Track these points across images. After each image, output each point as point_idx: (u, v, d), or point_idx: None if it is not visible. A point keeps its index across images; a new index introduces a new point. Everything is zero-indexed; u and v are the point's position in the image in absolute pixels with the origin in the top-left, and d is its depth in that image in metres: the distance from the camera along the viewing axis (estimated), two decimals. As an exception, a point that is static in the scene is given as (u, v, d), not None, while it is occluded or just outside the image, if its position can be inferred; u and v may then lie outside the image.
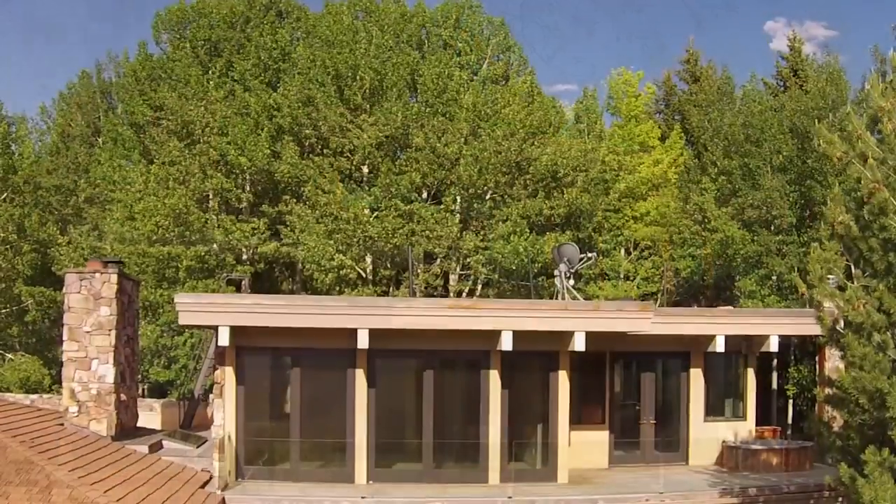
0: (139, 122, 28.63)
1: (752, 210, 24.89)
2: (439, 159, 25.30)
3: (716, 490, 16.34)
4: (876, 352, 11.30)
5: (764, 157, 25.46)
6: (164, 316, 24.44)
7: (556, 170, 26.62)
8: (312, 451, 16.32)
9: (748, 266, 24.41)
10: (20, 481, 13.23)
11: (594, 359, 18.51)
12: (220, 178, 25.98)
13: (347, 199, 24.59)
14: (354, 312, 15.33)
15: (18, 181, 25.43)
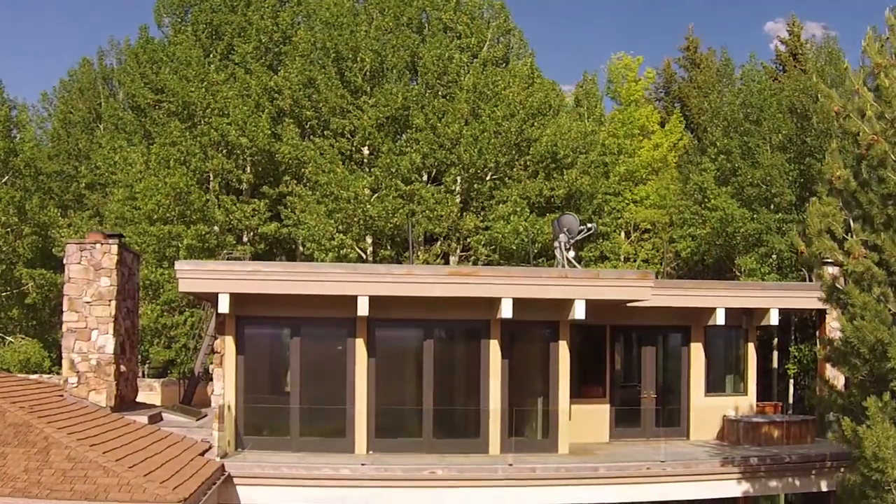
0: (140, 105, 28.69)
1: (752, 188, 24.90)
2: (440, 139, 25.32)
3: (717, 460, 16.31)
4: (877, 302, 11.31)
5: (763, 136, 25.51)
6: (165, 295, 24.42)
7: (556, 151, 26.65)
8: (312, 421, 16.29)
9: (748, 244, 24.41)
10: (18, 443, 13.21)
11: (594, 333, 18.52)
12: (220, 159, 26.00)
13: (347, 179, 24.60)
14: (354, 279, 15.31)
15: (19, 164, 25.45)
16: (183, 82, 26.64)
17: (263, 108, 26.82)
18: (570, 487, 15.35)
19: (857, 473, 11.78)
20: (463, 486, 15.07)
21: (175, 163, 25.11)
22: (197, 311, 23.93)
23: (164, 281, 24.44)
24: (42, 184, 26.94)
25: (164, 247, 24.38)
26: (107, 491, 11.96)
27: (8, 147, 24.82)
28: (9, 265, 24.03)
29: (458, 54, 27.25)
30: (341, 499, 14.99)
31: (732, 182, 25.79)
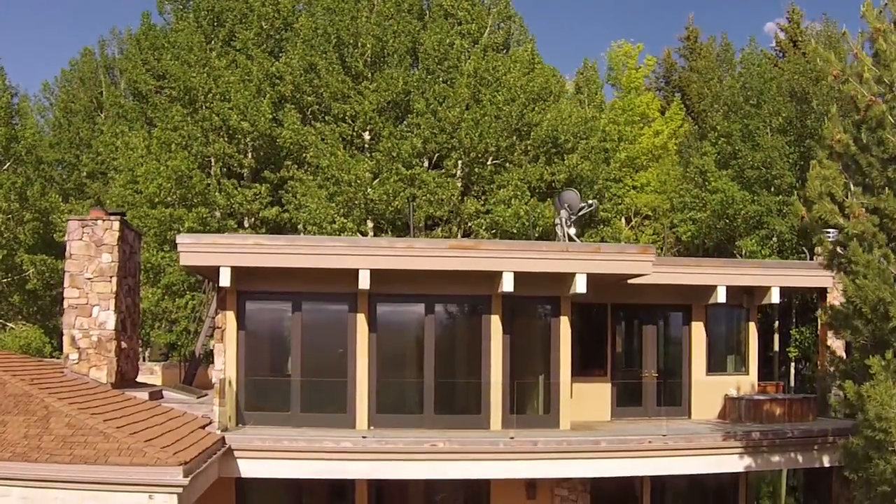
0: (142, 91, 28.75)
1: (752, 171, 24.93)
2: (440, 123, 25.37)
3: (719, 434, 16.27)
4: (878, 261, 11.30)
5: (763, 119, 25.56)
6: (166, 278, 24.41)
7: (557, 136, 26.69)
8: (313, 397, 16.24)
9: (749, 227, 24.43)
10: (18, 411, 13.20)
11: (596, 311, 18.51)
12: (222, 144, 26.03)
13: (348, 163, 24.63)
14: (355, 252, 15.28)
15: (21, 151, 25.48)
16: (184, 67, 26.71)
17: (265, 93, 26.89)
18: (572, 461, 15.29)
19: (860, 437, 11.75)
20: (464, 459, 15.02)
21: (176, 147, 25.16)
22: (198, 295, 23.92)
23: (165, 264, 24.44)
24: (43, 172, 26.94)
25: (165, 230, 24.39)
26: (106, 455, 11.94)
27: (9, 134, 24.85)
28: (10, 251, 24.02)
29: (459, 40, 27.32)
30: (343, 472, 14.97)
31: (732, 165, 25.83)
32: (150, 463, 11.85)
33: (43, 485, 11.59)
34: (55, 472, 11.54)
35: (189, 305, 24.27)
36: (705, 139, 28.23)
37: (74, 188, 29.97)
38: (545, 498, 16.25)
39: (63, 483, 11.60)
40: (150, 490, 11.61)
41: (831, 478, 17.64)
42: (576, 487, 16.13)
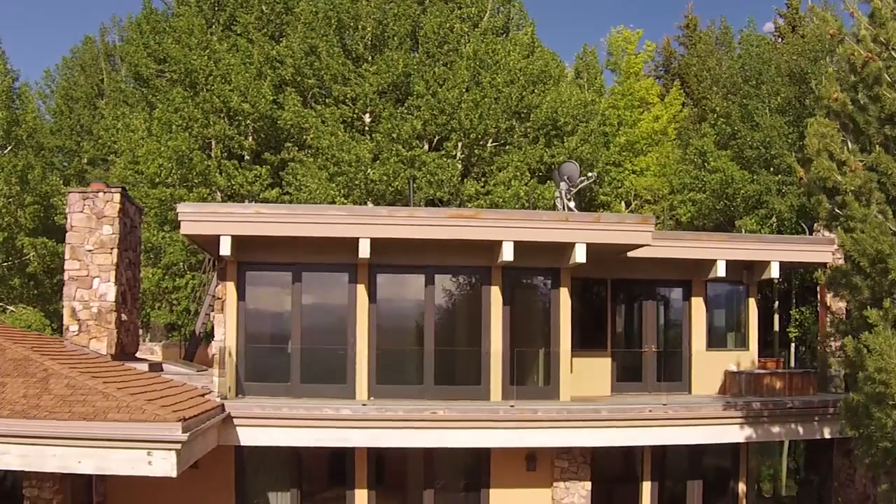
0: (143, 75, 28.85)
1: (752, 150, 24.96)
2: (440, 105, 25.44)
3: (719, 404, 16.26)
4: (875, 215, 11.32)
5: (762, 99, 25.64)
6: (167, 258, 24.43)
7: (556, 118, 26.76)
8: (313, 368, 16.23)
9: (748, 206, 24.45)
10: (18, 374, 13.24)
11: (595, 287, 18.51)
12: (222, 125, 26.08)
13: (348, 143, 24.68)
14: (356, 221, 15.28)
15: (22, 134, 25.55)
16: (185, 50, 26.82)
17: (265, 76, 26.99)
18: (572, 430, 15.30)
19: (860, 393, 11.74)
20: (464, 427, 15.03)
21: (177, 128, 25.23)
22: (198, 275, 23.94)
23: (165, 244, 24.47)
24: (44, 158, 27.00)
25: (166, 210, 24.43)
26: (105, 412, 11.96)
27: (11, 117, 24.95)
28: (10, 234, 24.05)
29: (459, 24, 27.43)
30: (343, 440, 14.95)
31: (732, 146, 25.88)
32: (149, 419, 11.87)
33: (41, 442, 11.61)
34: (54, 429, 11.56)
35: (189, 286, 24.27)
36: (704, 121, 28.32)
37: (75, 174, 30.00)
38: (545, 470, 16.19)
39: (61, 440, 11.61)
40: (149, 446, 11.63)
41: (832, 452, 17.62)
42: (576, 459, 16.07)
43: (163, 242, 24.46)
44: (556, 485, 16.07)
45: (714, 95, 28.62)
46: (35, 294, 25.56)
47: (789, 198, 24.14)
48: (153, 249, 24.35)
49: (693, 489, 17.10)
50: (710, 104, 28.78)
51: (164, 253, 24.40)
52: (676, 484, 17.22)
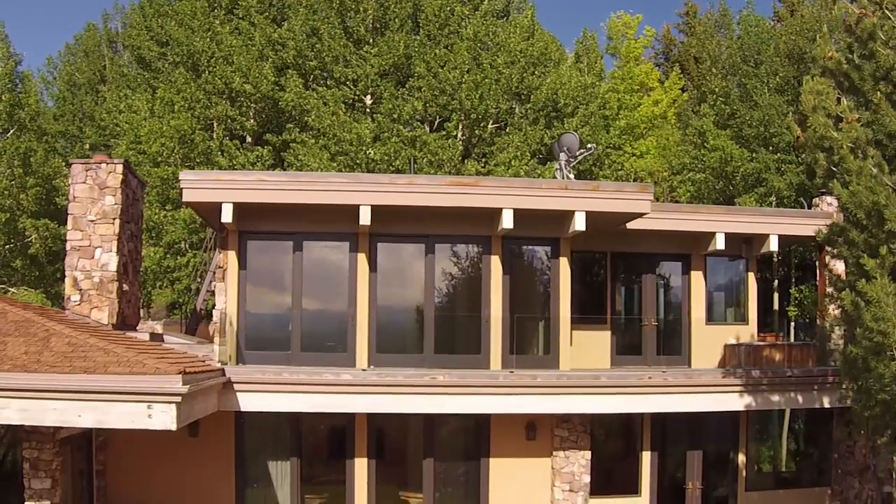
0: (145, 58, 29.02)
1: (750, 129, 25.07)
2: (441, 85, 25.58)
3: (719, 372, 16.30)
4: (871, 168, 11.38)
5: (761, 79, 25.77)
6: (168, 236, 24.52)
7: (557, 100, 26.89)
8: (314, 336, 16.30)
9: (747, 185, 24.52)
10: (19, 334, 13.26)
11: (595, 260, 18.57)
12: (224, 106, 26.22)
13: (349, 123, 24.80)
14: (357, 188, 15.36)
15: (25, 118, 25.70)
16: (188, 32, 26.97)
17: (267, 57, 27.14)
18: (572, 396, 15.35)
19: (858, 346, 11.77)
20: (464, 393, 15.08)
21: (179, 108, 25.39)
22: (199, 253, 24.02)
23: (167, 222, 24.55)
24: (47, 144, 27.13)
25: (168, 189, 24.54)
26: (106, 366, 12.00)
27: (13, 100, 25.11)
28: (12, 215, 24.13)
29: (459, 7, 27.60)
30: (343, 405, 15.00)
31: (731, 125, 25.99)
32: (150, 372, 11.90)
33: (41, 395, 11.61)
34: (54, 382, 11.57)
35: (191, 264, 24.34)
36: (704, 103, 28.47)
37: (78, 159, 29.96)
38: (545, 439, 16.23)
39: (61, 393, 11.61)
40: (149, 399, 11.64)
41: (832, 425, 17.62)
42: (576, 428, 16.10)
43: (164, 221, 24.57)
44: (556, 454, 16.10)
45: (713, 77, 28.78)
46: (36, 276, 25.65)
47: (788, 176, 24.22)
48: (155, 228, 24.46)
49: (693, 459, 17.12)
50: (709, 85, 28.92)
51: (166, 232, 24.52)
52: (676, 454, 17.25)
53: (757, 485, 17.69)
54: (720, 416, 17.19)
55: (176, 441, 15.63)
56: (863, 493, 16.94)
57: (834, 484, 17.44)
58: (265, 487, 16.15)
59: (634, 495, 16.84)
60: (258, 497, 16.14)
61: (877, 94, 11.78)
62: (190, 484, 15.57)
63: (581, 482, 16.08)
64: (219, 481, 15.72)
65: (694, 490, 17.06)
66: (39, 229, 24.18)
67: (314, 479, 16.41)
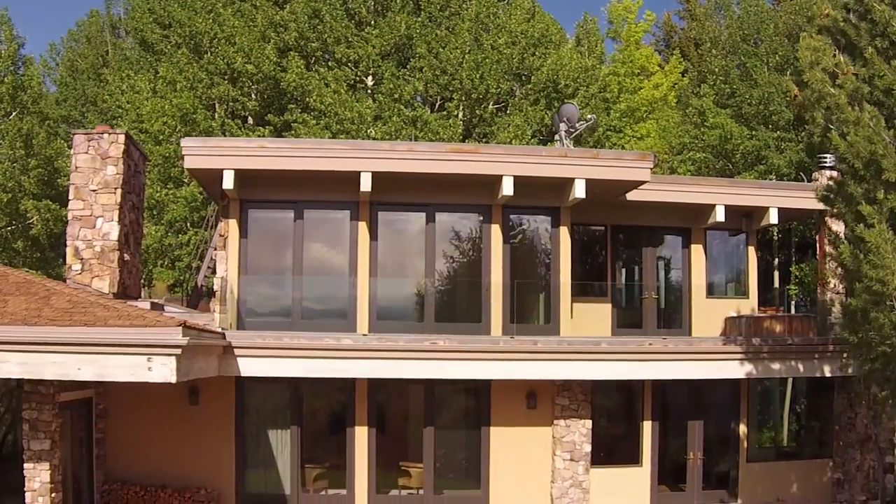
0: (148, 41, 29.17)
1: (750, 107, 25.15)
2: (442, 65, 25.71)
3: (720, 340, 16.29)
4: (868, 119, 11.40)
5: (760, 57, 25.88)
6: (169, 214, 24.59)
7: (557, 81, 26.98)
8: (314, 304, 16.32)
9: (747, 163, 24.57)
10: (20, 293, 13.29)
11: (595, 233, 18.58)
12: (226, 87, 26.36)
13: (351, 101, 24.93)
14: (357, 155, 15.40)
15: (27, 100, 25.82)
16: (190, 13, 27.14)
17: (269, 39, 27.29)
18: (573, 362, 15.33)
19: (858, 298, 11.77)
20: (464, 358, 15.07)
21: (181, 87, 25.53)
22: (200, 231, 24.08)
23: (168, 201, 24.64)
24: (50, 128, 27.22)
25: (170, 167, 24.63)
26: (106, 320, 12.03)
27: (16, 83, 25.24)
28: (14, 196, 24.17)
29: (459, -12, 27.94)
30: (344, 371, 14.99)
31: (731, 104, 26.09)
32: (150, 324, 11.94)
33: (41, 348, 11.62)
34: (54, 335, 11.58)
35: (192, 242, 24.38)
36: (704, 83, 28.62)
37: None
38: (546, 408, 16.20)
39: (61, 346, 11.62)
40: (149, 351, 11.65)
41: (832, 396, 17.58)
42: (576, 397, 16.08)
43: (166, 199, 24.66)
44: (557, 422, 16.08)
45: (713, 58, 28.93)
46: (38, 258, 25.71)
47: (788, 153, 24.28)
48: (157, 206, 24.56)
49: (694, 430, 17.07)
50: (709, 66, 29.09)
51: (168, 210, 24.61)
52: (677, 425, 17.21)
53: (758, 456, 17.65)
54: (721, 386, 17.17)
55: (176, 409, 15.71)
56: (864, 464, 16.89)
57: (835, 456, 17.39)
58: (265, 457, 16.14)
59: (635, 465, 16.80)
60: (258, 466, 16.13)
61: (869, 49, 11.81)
62: (190, 453, 15.55)
63: (582, 451, 16.06)
64: (219, 450, 15.70)
65: (695, 460, 17.01)
66: (41, 210, 24.24)
67: (314, 449, 16.40)
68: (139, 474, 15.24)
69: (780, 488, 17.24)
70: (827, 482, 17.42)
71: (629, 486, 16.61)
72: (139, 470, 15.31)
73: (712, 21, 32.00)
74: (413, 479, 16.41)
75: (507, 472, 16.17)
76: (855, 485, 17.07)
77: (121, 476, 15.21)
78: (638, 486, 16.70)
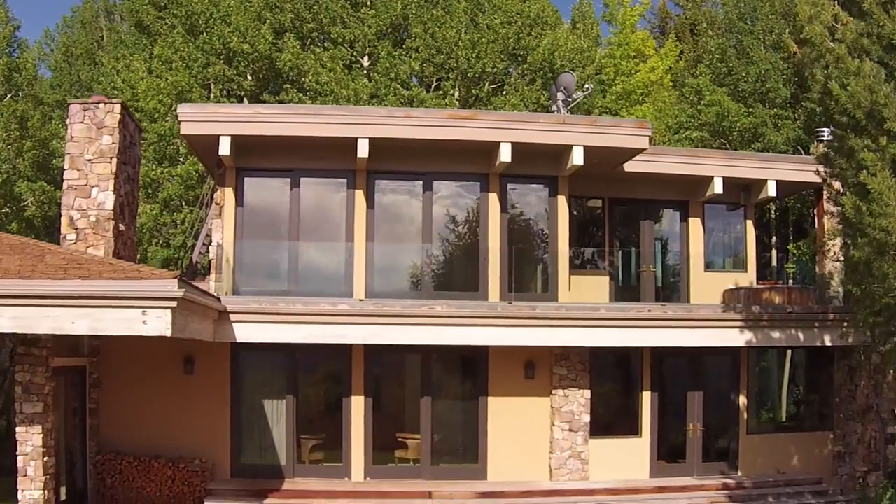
0: (144, 23, 29.10)
1: (747, 85, 25.16)
2: (438, 44, 25.72)
3: (719, 307, 16.20)
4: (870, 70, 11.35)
5: (757, 35, 25.94)
6: (164, 192, 24.46)
7: (553, 61, 27.00)
8: (310, 273, 16.19)
9: (744, 140, 24.55)
10: (14, 252, 13.15)
11: (593, 206, 18.47)
12: (222, 66, 26.30)
13: (347, 79, 24.88)
14: (354, 121, 15.33)
15: (22, 82, 25.72)
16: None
17: (265, 20, 27.26)
18: (571, 329, 15.23)
19: (861, 250, 11.67)
20: (462, 324, 14.95)
21: (177, 66, 25.45)
22: (195, 209, 23.94)
23: (163, 179, 24.52)
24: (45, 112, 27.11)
25: (165, 145, 24.52)
26: (100, 273, 11.89)
27: (11, 64, 25.13)
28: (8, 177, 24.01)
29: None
30: (340, 336, 14.85)
31: (728, 82, 26.11)
32: (146, 277, 11.80)
33: (35, 302, 11.47)
34: (48, 288, 11.43)
35: (187, 220, 24.23)
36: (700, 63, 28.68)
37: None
38: (544, 377, 16.09)
39: (56, 300, 11.46)
40: (144, 304, 11.48)
41: (832, 369, 17.47)
42: (575, 367, 15.98)
43: (162, 177, 24.54)
44: (555, 392, 15.97)
45: (709, 38, 29.02)
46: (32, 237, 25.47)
47: (785, 131, 24.28)
48: (152, 184, 24.43)
49: (693, 400, 16.94)
50: (705, 46, 29.15)
51: (163, 188, 24.49)
52: (677, 396, 17.07)
53: (758, 428, 17.53)
54: (721, 358, 17.09)
55: (171, 379, 15.58)
56: (865, 435, 16.77)
57: (836, 428, 17.28)
58: (260, 427, 15.98)
59: (635, 436, 16.66)
60: (253, 437, 15.97)
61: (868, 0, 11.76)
62: (184, 423, 15.40)
63: (581, 422, 15.94)
64: (213, 421, 15.56)
65: (695, 432, 16.89)
66: (35, 193, 24.08)
67: (310, 420, 16.26)
68: (133, 445, 15.07)
69: (780, 461, 17.11)
70: (828, 455, 17.30)
71: (628, 458, 16.47)
72: (133, 440, 15.14)
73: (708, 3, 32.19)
74: (410, 451, 16.25)
75: (505, 442, 16.04)
76: (856, 457, 16.95)
77: (114, 446, 15.04)
78: (637, 457, 16.57)
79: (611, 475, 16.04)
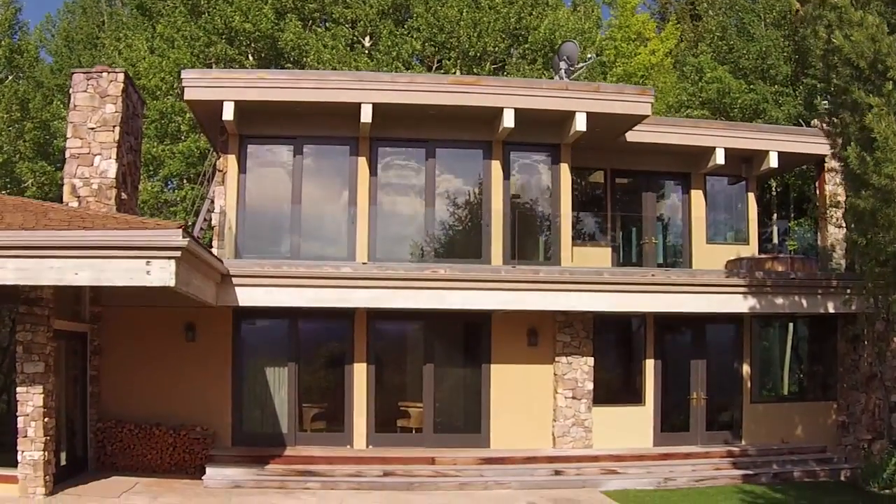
0: (145, 4, 29.12)
1: (748, 62, 25.19)
2: (440, 22, 25.76)
3: (723, 272, 16.16)
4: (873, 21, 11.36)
5: (757, 13, 26.03)
6: (165, 169, 24.43)
7: (554, 41, 27.07)
8: (312, 240, 16.17)
9: (745, 117, 24.56)
10: (17, 210, 13.13)
11: (594, 176, 18.44)
12: (224, 45, 26.31)
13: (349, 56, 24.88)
14: (358, 86, 15.33)
15: (24, 63, 25.73)
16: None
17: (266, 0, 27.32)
18: (574, 293, 15.19)
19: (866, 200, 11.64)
20: (465, 287, 14.92)
21: (179, 45, 25.44)
22: (197, 187, 23.91)
23: (165, 156, 24.45)
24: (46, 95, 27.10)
25: (167, 123, 24.49)
26: (104, 224, 11.86)
27: (12, 47, 25.15)
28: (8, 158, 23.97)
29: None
30: (343, 300, 14.80)
31: (728, 60, 26.14)
32: (150, 227, 11.78)
33: (39, 252, 11.42)
34: (51, 239, 11.37)
35: (188, 197, 24.21)
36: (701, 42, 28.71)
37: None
38: (547, 345, 16.06)
39: (59, 250, 11.40)
40: (148, 254, 11.44)
41: (836, 339, 17.43)
42: (578, 334, 15.95)
43: (163, 155, 24.51)
44: (558, 360, 15.93)
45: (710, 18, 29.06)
46: (32, 219, 25.44)
47: (786, 107, 24.32)
48: (153, 161, 24.40)
49: (697, 369, 16.89)
50: (706, 26, 29.19)
51: (164, 166, 24.46)
52: (680, 364, 17.01)
53: (762, 398, 17.47)
54: (724, 327, 17.06)
55: (172, 346, 15.52)
56: (869, 404, 16.74)
57: (840, 397, 17.23)
58: (262, 395, 15.93)
59: (638, 404, 16.61)
60: (254, 404, 15.91)
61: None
62: (185, 390, 15.33)
63: (584, 389, 15.89)
64: (215, 388, 15.51)
65: (699, 401, 16.83)
66: (36, 173, 24.05)
67: (312, 388, 16.21)
68: (134, 412, 15.00)
69: (784, 430, 17.06)
70: (832, 424, 17.25)
71: (632, 426, 16.41)
72: (134, 408, 15.07)
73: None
74: (412, 420, 16.18)
75: (508, 410, 15.99)
76: (860, 426, 16.91)
77: (115, 414, 14.97)
78: (641, 425, 16.52)
79: (614, 443, 15.98)
